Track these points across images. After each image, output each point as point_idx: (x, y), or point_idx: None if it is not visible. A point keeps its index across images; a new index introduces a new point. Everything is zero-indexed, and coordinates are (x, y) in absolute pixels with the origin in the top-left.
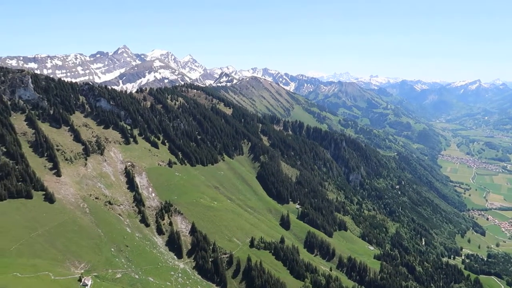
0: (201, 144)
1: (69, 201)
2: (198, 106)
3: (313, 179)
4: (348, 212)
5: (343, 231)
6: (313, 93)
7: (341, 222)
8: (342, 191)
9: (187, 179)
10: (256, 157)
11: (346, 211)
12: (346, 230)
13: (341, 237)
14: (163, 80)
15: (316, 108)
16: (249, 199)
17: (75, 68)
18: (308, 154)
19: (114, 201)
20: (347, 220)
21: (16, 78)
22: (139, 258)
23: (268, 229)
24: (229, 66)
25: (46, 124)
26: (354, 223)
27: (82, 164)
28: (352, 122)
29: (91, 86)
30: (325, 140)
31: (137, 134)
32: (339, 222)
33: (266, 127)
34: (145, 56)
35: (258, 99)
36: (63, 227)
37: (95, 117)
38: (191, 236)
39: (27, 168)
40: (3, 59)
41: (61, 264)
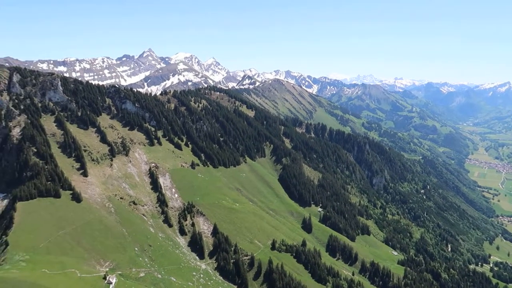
0: (223, 146)
1: (95, 200)
2: (221, 109)
3: (335, 182)
4: (371, 216)
5: (366, 235)
6: (336, 96)
7: (364, 226)
8: (365, 194)
9: (209, 180)
10: (278, 160)
11: (369, 215)
12: (369, 235)
13: (364, 241)
14: (187, 82)
15: (339, 110)
16: (271, 202)
17: (102, 71)
18: (331, 157)
19: (138, 201)
20: (370, 224)
21: (46, 81)
22: (162, 258)
23: (289, 232)
24: (252, 69)
25: (74, 126)
26: (377, 227)
27: (108, 164)
28: (376, 125)
29: (117, 88)
30: (348, 143)
31: (161, 136)
32: (362, 226)
33: (289, 129)
34: (169, 59)
35: (281, 102)
36: (89, 226)
37: (121, 118)
38: (213, 237)
39: (55, 168)
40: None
41: (87, 262)
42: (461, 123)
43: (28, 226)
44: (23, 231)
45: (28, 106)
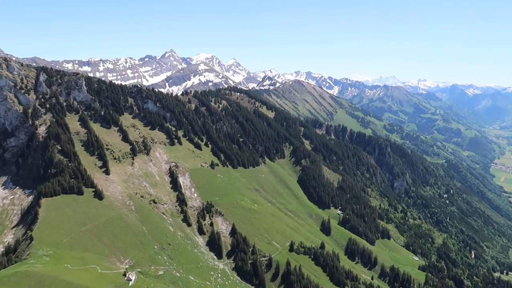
0: (243, 146)
1: (116, 198)
2: (241, 109)
3: (355, 185)
4: (391, 220)
5: (386, 239)
6: (357, 97)
7: (384, 230)
8: (385, 198)
9: (228, 181)
10: (297, 161)
11: (389, 219)
12: (389, 239)
13: (383, 245)
14: (208, 83)
15: (360, 112)
16: (290, 203)
17: (125, 71)
18: (351, 159)
19: (158, 200)
20: (390, 228)
21: (71, 81)
22: (181, 257)
23: (308, 234)
24: (272, 70)
25: (97, 125)
26: (398, 231)
27: (129, 163)
28: (397, 127)
29: (139, 88)
30: (369, 145)
31: (181, 136)
32: (382, 230)
33: (308, 130)
34: (190, 60)
35: (301, 103)
36: (110, 223)
37: (142, 118)
38: (231, 237)
39: (79, 166)
40: (61, 63)
41: (108, 259)
42: (487, 126)
43: (52, 222)
44: (47, 226)
45: (53, 105)
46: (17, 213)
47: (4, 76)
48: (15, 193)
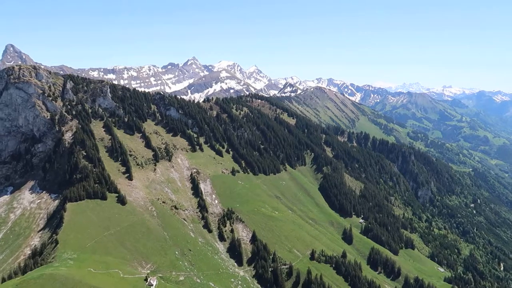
0: (264, 153)
1: (139, 204)
2: (262, 116)
3: (378, 193)
4: (415, 230)
5: (410, 249)
6: (380, 104)
7: (408, 240)
8: (409, 207)
9: (249, 187)
10: (318, 168)
11: (413, 228)
12: (413, 249)
13: (407, 255)
14: (229, 90)
15: (382, 119)
16: (311, 211)
17: (149, 79)
18: (374, 167)
19: (180, 206)
20: (414, 238)
21: (96, 88)
22: (201, 263)
23: (329, 242)
24: (294, 77)
25: (121, 131)
26: (422, 241)
27: (151, 169)
28: (422, 135)
29: (162, 95)
30: (392, 153)
31: (203, 142)
32: (405, 239)
33: (330, 138)
34: (212, 67)
35: (322, 110)
36: (133, 228)
37: (165, 125)
38: (252, 244)
39: (103, 171)
40: (87, 71)
41: (130, 263)
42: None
43: (77, 226)
44: (71, 230)
45: (79, 111)
46: (43, 217)
47: (33, 84)
48: (42, 197)
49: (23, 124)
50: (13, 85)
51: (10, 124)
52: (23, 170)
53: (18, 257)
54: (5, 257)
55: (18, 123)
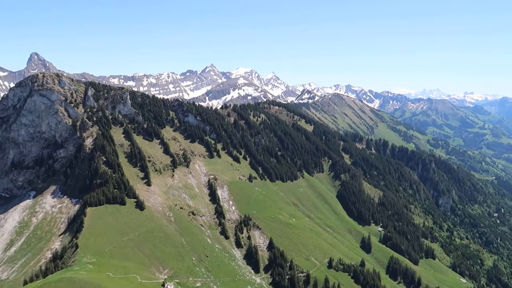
0: (281, 160)
1: (157, 209)
2: (279, 123)
3: (397, 201)
4: (436, 239)
5: (430, 259)
6: (399, 111)
7: (428, 249)
8: (430, 215)
9: (266, 194)
10: (336, 175)
11: (434, 237)
12: (434, 259)
13: (428, 265)
14: (247, 96)
15: (402, 126)
16: (328, 218)
17: (167, 86)
18: (393, 174)
19: (197, 211)
20: (435, 247)
21: (117, 95)
22: (218, 269)
23: (347, 251)
24: (311, 83)
25: (140, 137)
26: (443, 251)
27: (169, 175)
28: (442, 142)
29: (181, 102)
30: (412, 161)
31: (220, 149)
32: (426, 249)
33: (348, 144)
34: (230, 74)
35: (340, 116)
36: (151, 233)
37: (183, 131)
38: (269, 251)
39: (122, 177)
40: (107, 78)
41: (147, 268)
42: None
43: (96, 231)
44: (91, 235)
45: (100, 118)
46: (64, 221)
47: (56, 91)
48: (63, 202)
49: (46, 130)
50: (37, 92)
51: (34, 130)
52: (46, 175)
53: (40, 260)
54: (27, 260)
55: (41, 129)
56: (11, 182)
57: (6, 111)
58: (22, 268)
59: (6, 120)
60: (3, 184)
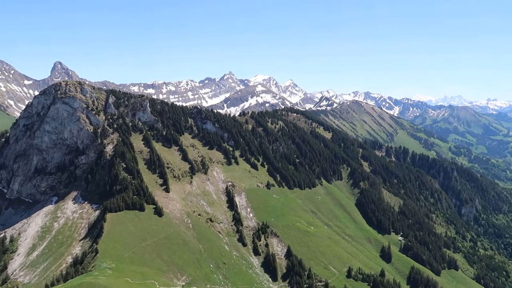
0: (299, 167)
1: (175, 215)
2: (298, 130)
3: (418, 210)
4: (459, 250)
5: (453, 270)
6: (419, 118)
7: (450, 260)
8: (452, 225)
9: (284, 201)
10: (355, 183)
11: (457, 248)
12: (456, 270)
13: (450, 276)
14: (264, 104)
15: (422, 133)
16: (347, 227)
17: (186, 93)
18: (413, 182)
19: (215, 218)
20: (458, 258)
21: (137, 103)
22: (236, 277)
23: (366, 260)
24: (330, 90)
25: (159, 144)
26: (466, 262)
27: (188, 182)
28: (465, 150)
29: (199, 109)
30: (433, 169)
31: (238, 156)
32: (448, 259)
33: (367, 152)
34: (248, 81)
35: (359, 123)
36: (169, 239)
37: (201, 138)
38: (286, 259)
39: (141, 183)
40: (128, 86)
41: (166, 275)
42: None
43: (116, 236)
44: (111, 240)
45: (120, 125)
46: (85, 226)
47: (78, 99)
48: (84, 207)
49: (68, 137)
50: (60, 100)
51: (56, 137)
52: (67, 181)
53: (61, 264)
54: (49, 264)
55: (63, 136)
56: (34, 187)
57: (31, 118)
58: (44, 272)
59: (30, 127)
60: (27, 189)
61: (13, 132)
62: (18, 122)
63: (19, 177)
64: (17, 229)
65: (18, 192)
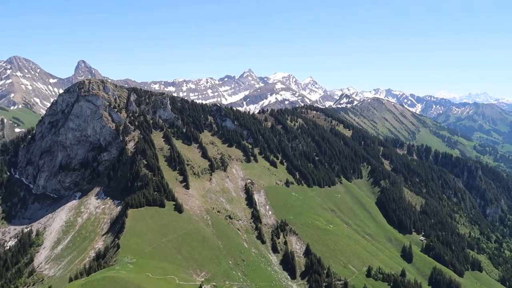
0: (318, 165)
1: (194, 212)
2: (317, 127)
3: (441, 210)
4: (483, 251)
5: (477, 271)
6: (442, 115)
7: (474, 261)
8: (476, 225)
9: (303, 199)
10: (376, 182)
11: (481, 249)
12: (481, 271)
13: (474, 278)
14: (284, 101)
15: (446, 131)
16: (367, 226)
17: (206, 91)
18: (436, 181)
19: (234, 215)
20: (482, 259)
21: (157, 100)
22: (254, 274)
23: (387, 259)
24: (350, 87)
25: (179, 141)
26: (491, 264)
27: (207, 179)
28: (490, 149)
29: (219, 107)
30: (457, 167)
31: (257, 153)
32: (472, 261)
33: (388, 150)
34: (267, 79)
35: (380, 121)
36: (189, 236)
37: (221, 135)
38: (305, 257)
39: (162, 180)
40: (149, 84)
41: (185, 270)
42: None
43: (137, 232)
44: (132, 235)
45: (141, 122)
46: (107, 221)
47: (101, 96)
48: (106, 203)
49: (91, 134)
50: (83, 97)
51: (80, 134)
52: (90, 177)
53: (84, 259)
54: (73, 258)
55: (86, 133)
56: (59, 183)
57: (55, 115)
58: (68, 265)
59: (55, 125)
60: (52, 185)
61: (39, 129)
62: (43, 120)
63: (44, 172)
64: (43, 223)
65: (44, 188)
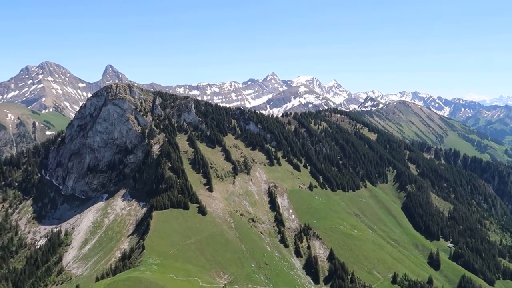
0: (342, 169)
1: (218, 215)
2: (341, 131)
3: (470, 216)
4: None
5: (508, 280)
6: (472, 119)
7: (506, 270)
8: (508, 233)
9: (327, 203)
10: (401, 186)
11: None
12: None
13: (505, 287)
14: (307, 104)
15: (475, 135)
16: (393, 231)
17: (230, 95)
18: (465, 187)
19: (257, 219)
20: None
21: (182, 104)
22: (277, 278)
23: (413, 266)
24: (375, 90)
25: (203, 144)
26: None
27: (230, 182)
28: None
29: (242, 110)
30: (487, 172)
31: (280, 157)
32: (503, 269)
33: (415, 154)
34: (291, 82)
35: (406, 125)
36: (212, 238)
37: (244, 139)
38: (329, 262)
39: (186, 183)
40: (173, 88)
41: (208, 273)
42: None
43: (161, 233)
44: (156, 237)
45: (166, 126)
46: (133, 223)
47: (127, 100)
48: (132, 204)
49: (118, 137)
50: (110, 101)
51: (107, 137)
52: (117, 179)
53: (110, 259)
54: (99, 258)
55: (113, 136)
56: (86, 184)
57: (84, 119)
58: (95, 265)
59: (83, 128)
60: (80, 186)
61: (68, 132)
62: (73, 123)
63: (73, 174)
64: (71, 224)
65: (72, 189)
